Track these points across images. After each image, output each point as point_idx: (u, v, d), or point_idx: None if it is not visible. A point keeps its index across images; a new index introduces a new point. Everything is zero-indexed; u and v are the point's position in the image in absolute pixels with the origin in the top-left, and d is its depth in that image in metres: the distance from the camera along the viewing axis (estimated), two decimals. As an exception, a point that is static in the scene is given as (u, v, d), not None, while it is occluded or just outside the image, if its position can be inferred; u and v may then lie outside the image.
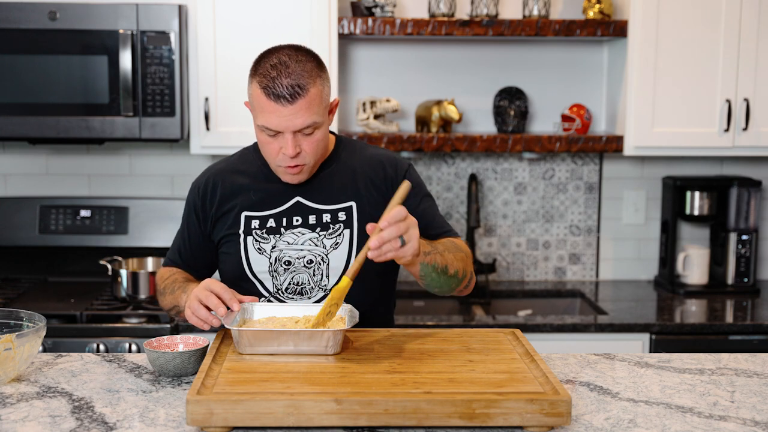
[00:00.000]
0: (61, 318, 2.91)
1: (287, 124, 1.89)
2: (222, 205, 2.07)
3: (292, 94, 1.86)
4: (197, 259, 2.14)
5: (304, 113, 1.88)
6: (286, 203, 2.04)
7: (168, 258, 2.19)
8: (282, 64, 1.88)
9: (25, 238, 3.36)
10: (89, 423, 1.57)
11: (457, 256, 1.95)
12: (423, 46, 3.49)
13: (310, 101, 1.88)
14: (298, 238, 2.01)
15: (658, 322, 2.99)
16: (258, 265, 2.03)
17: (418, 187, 2.06)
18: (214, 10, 3.07)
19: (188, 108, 3.13)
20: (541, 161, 3.55)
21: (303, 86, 1.87)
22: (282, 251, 2.01)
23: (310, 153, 1.95)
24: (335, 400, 1.50)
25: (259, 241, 2.03)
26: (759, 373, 1.91)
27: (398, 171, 2.07)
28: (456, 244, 2.00)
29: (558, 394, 1.53)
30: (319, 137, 1.94)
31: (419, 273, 1.86)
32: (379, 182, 2.06)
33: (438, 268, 1.87)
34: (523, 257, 3.60)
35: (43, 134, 3.05)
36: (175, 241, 2.18)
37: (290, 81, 1.86)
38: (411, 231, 1.73)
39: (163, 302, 2.10)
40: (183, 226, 2.15)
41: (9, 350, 1.73)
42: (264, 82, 1.88)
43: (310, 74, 1.89)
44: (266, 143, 1.95)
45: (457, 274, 1.94)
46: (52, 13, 2.99)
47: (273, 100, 1.87)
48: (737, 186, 3.42)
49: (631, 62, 3.19)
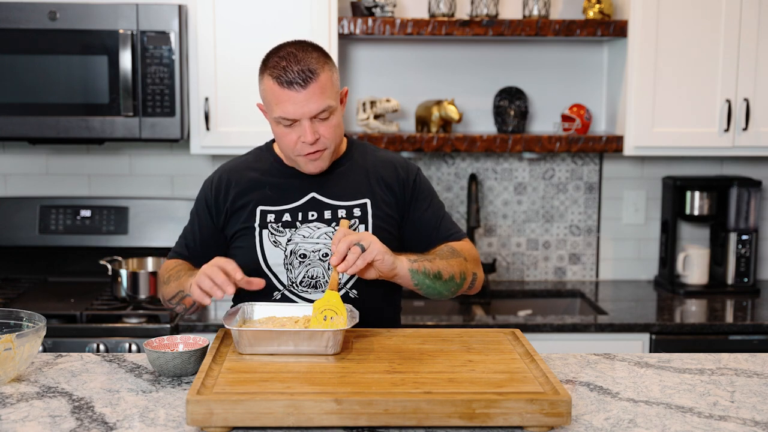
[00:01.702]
0: (61, 318, 2.91)
1: (303, 110, 1.93)
2: (237, 200, 2.09)
3: (304, 79, 1.92)
4: (206, 253, 2.14)
5: (318, 97, 1.93)
6: (301, 198, 2.07)
7: (174, 251, 2.20)
8: (290, 54, 1.95)
9: (25, 238, 3.36)
10: (89, 423, 1.57)
11: (452, 261, 2.01)
12: (423, 46, 3.48)
13: (323, 85, 1.94)
14: (313, 232, 2.04)
15: (658, 322, 2.99)
16: (273, 257, 2.04)
17: (428, 191, 2.15)
18: (214, 10, 3.07)
19: (188, 108, 3.13)
20: (541, 161, 3.55)
21: (313, 71, 1.93)
22: (298, 244, 2.03)
23: (329, 138, 1.99)
24: (335, 400, 1.50)
25: (275, 234, 2.05)
26: (759, 373, 1.91)
27: (410, 174, 2.13)
28: (453, 249, 2.06)
29: (558, 394, 1.53)
30: (335, 122, 1.99)
31: (412, 282, 1.95)
32: (391, 183, 2.10)
33: (429, 274, 1.95)
34: (523, 257, 3.60)
35: (43, 134, 3.05)
36: (182, 236, 2.20)
37: (300, 67, 1.92)
38: (364, 236, 1.86)
39: (166, 290, 2.09)
40: (192, 220, 2.17)
41: (9, 350, 1.73)
42: (275, 72, 1.93)
43: (317, 61, 1.95)
44: (284, 135, 1.98)
45: (453, 278, 2.00)
46: (52, 13, 2.99)
47: (287, 88, 1.92)
48: (737, 186, 3.42)
49: (631, 62, 3.19)
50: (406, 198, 2.11)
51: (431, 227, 2.11)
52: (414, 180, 2.12)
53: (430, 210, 2.11)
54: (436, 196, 2.17)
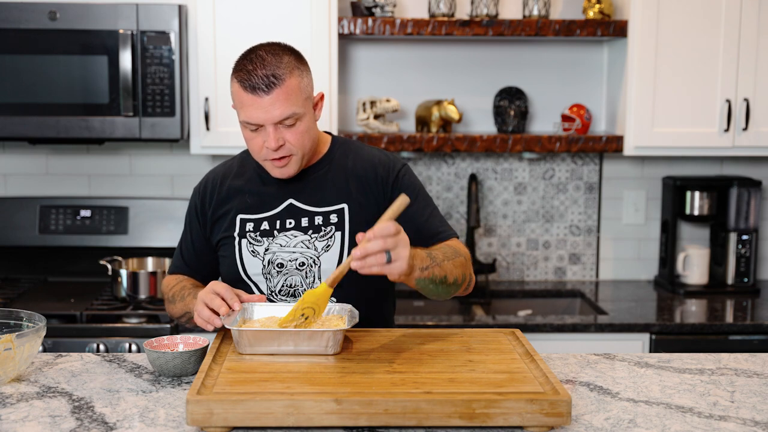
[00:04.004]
0: (61, 318, 2.91)
1: (266, 116, 1.89)
2: (219, 207, 2.07)
3: (267, 84, 1.87)
4: (201, 263, 2.14)
5: (282, 104, 1.89)
6: (279, 206, 2.04)
7: (173, 265, 2.19)
8: (258, 57, 1.90)
9: (25, 238, 3.36)
10: (89, 423, 1.57)
11: (456, 262, 1.92)
12: (423, 46, 3.48)
13: (288, 92, 1.89)
14: (290, 241, 2.01)
15: (658, 322, 2.99)
16: (252, 267, 2.03)
17: (412, 188, 2.03)
18: (214, 10, 3.07)
19: (188, 108, 3.13)
20: (541, 161, 3.55)
21: (278, 76, 1.88)
22: (275, 254, 2.02)
23: (295, 144, 1.94)
24: (335, 400, 1.50)
25: (253, 243, 2.03)
26: (759, 373, 1.91)
27: (391, 172, 2.04)
28: (455, 249, 1.96)
29: (558, 394, 1.53)
30: (302, 129, 1.94)
31: (416, 286, 1.82)
32: (370, 184, 2.04)
33: (437, 279, 1.84)
34: (523, 257, 3.60)
35: (43, 134, 3.05)
36: (178, 248, 2.19)
37: (266, 72, 1.88)
38: (399, 249, 1.68)
39: (173, 310, 2.09)
40: (186, 230, 2.16)
41: (9, 350, 1.73)
42: (241, 75, 1.90)
43: (286, 65, 1.90)
44: (250, 139, 1.96)
45: (456, 281, 1.92)
46: (52, 13, 2.99)
47: (250, 92, 1.88)
48: (737, 186, 3.42)
49: (631, 62, 3.19)
50: (386, 197, 2.01)
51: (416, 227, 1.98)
52: (396, 176, 2.04)
53: (412, 208, 1.96)
54: (424, 193, 2.07)
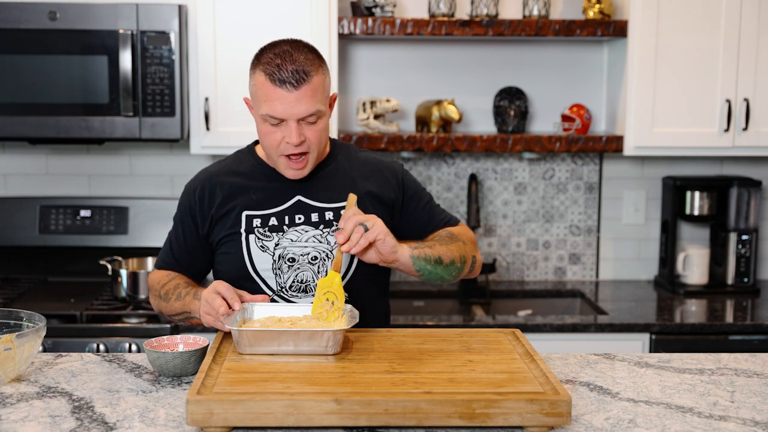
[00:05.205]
0: (61, 318, 2.91)
1: (292, 111, 1.91)
2: (222, 206, 2.06)
3: (297, 80, 1.89)
4: (192, 261, 2.13)
5: (309, 100, 1.91)
6: (287, 202, 2.04)
7: (161, 260, 2.17)
8: (285, 53, 1.92)
9: (25, 238, 3.36)
10: (89, 423, 1.57)
11: (451, 246, 2.04)
12: (423, 46, 3.48)
13: (314, 88, 1.91)
14: (301, 235, 2.02)
15: (658, 322, 2.99)
16: (261, 263, 2.02)
17: (416, 185, 2.16)
18: (214, 10, 3.07)
19: (188, 108, 3.13)
20: (541, 161, 3.55)
21: (307, 72, 1.90)
22: (286, 248, 2.02)
23: (314, 142, 1.96)
24: (335, 400, 1.50)
25: (262, 239, 2.03)
26: (759, 373, 1.91)
27: (396, 176, 2.14)
28: (451, 234, 2.10)
29: (558, 394, 1.53)
30: (322, 127, 1.97)
31: (414, 268, 1.96)
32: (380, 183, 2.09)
33: (431, 260, 1.97)
34: (523, 257, 3.60)
35: (43, 134, 3.05)
36: (166, 244, 2.17)
37: (295, 67, 1.90)
38: (370, 219, 1.87)
39: (166, 308, 2.07)
40: (176, 228, 2.14)
41: (9, 350, 1.73)
42: (269, 69, 1.90)
43: (312, 63, 1.92)
44: (269, 133, 1.95)
45: (454, 262, 2.02)
46: (52, 13, 2.99)
47: (278, 86, 1.89)
48: (737, 186, 3.42)
49: (631, 62, 3.19)
50: (397, 202, 2.11)
51: (425, 220, 2.13)
52: (402, 180, 2.13)
53: (420, 204, 2.13)
54: (423, 188, 2.18)
